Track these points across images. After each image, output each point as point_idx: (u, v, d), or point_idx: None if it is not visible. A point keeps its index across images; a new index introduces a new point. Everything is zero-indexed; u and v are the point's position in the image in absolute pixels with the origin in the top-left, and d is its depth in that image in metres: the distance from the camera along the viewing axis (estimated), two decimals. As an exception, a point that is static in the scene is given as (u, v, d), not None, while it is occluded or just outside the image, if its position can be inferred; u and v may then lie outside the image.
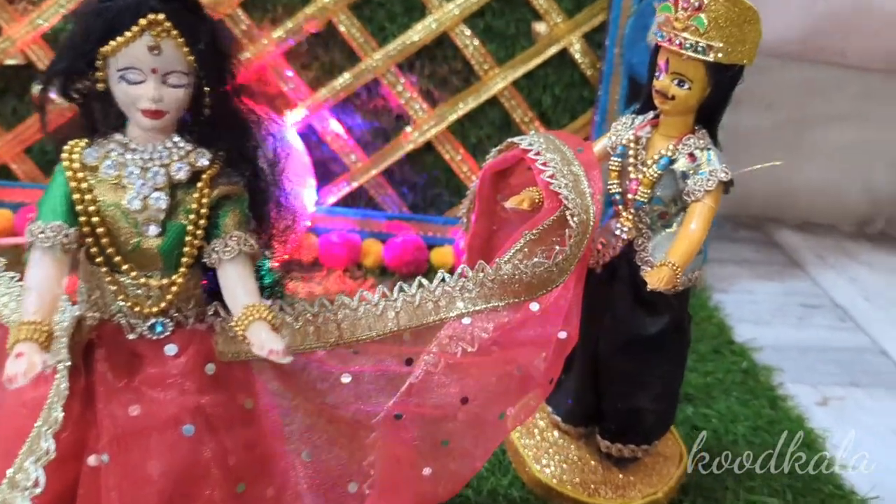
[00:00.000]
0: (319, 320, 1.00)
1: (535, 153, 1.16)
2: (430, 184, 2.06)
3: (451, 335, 1.09)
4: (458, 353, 1.09)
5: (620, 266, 1.22)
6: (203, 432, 0.88)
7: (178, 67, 0.82)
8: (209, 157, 0.86)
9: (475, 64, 1.97)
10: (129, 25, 0.79)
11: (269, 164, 0.92)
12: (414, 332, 1.07)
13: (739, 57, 1.07)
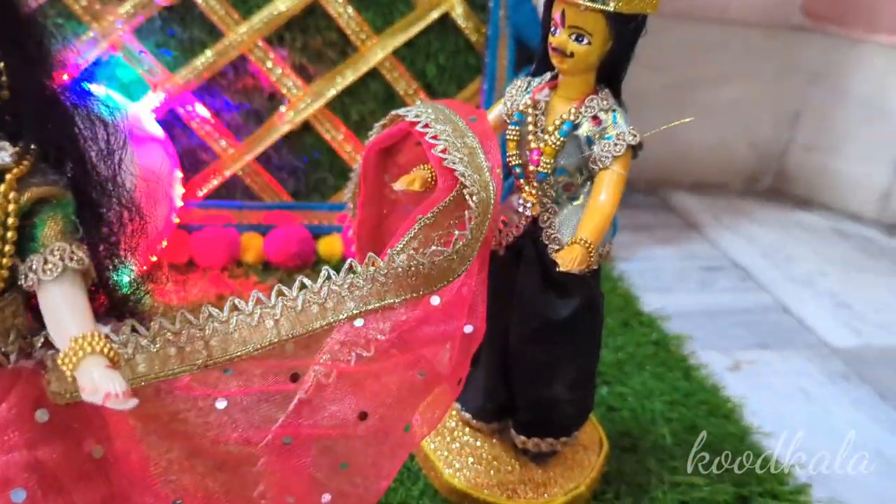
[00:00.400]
0: (183, 339, 0.83)
1: (423, 125, 1.02)
2: (311, 167, 1.89)
3: (343, 340, 0.95)
4: (351, 361, 0.95)
5: (525, 246, 1.10)
6: (40, 494, 0.70)
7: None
8: (13, 154, 0.68)
9: (351, 34, 1.81)
10: None
11: (102, 156, 0.74)
12: (298, 342, 0.92)
13: (642, 6, 0.96)
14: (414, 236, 0.98)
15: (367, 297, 0.94)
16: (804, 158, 2.84)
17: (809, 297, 2.13)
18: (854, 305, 2.11)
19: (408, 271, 0.93)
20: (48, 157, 0.70)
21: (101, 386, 0.62)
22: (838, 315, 2.05)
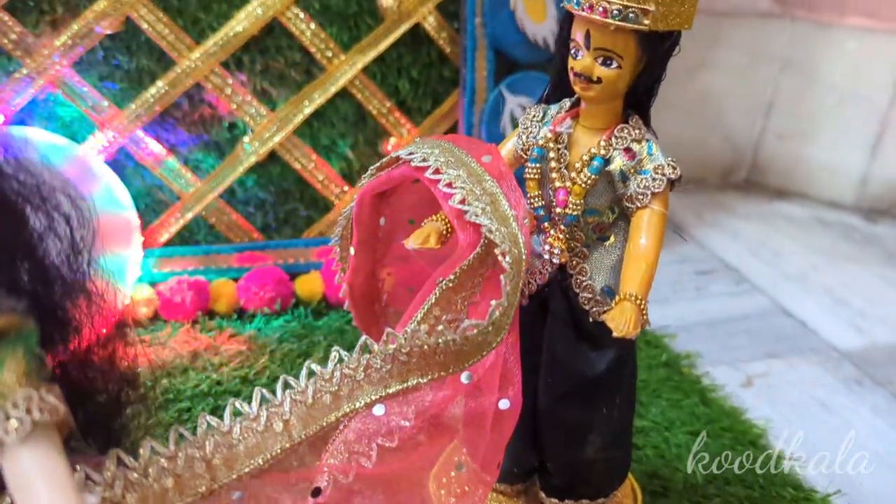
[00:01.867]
0: (180, 464, 0.69)
1: (433, 171, 0.89)
2: (280, 199, 1.73)
3: (361, 431, 0.82)
4: (372, 455, 0.82)
5: (553, 296, 0.97)
6: None
7: None
8: None
9: (316, 52, 1.65)
10: None
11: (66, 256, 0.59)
12: (312, 443, 0.78)
13: (678, 22, 0.84)
14: (435, 302, 0.85)
15: (387, 378, 0.81)
16: (779, 147, 2.77)
17: (806, 296, 2.06)
18: (851, 301, 2.04)
19: (435, 348, 0.79)
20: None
21: None
22: (839, 313, 1.98)
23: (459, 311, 0.87)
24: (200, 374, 1.43)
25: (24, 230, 0.55)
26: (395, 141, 1.75)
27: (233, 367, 1.45)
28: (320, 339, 1.57)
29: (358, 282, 1.21)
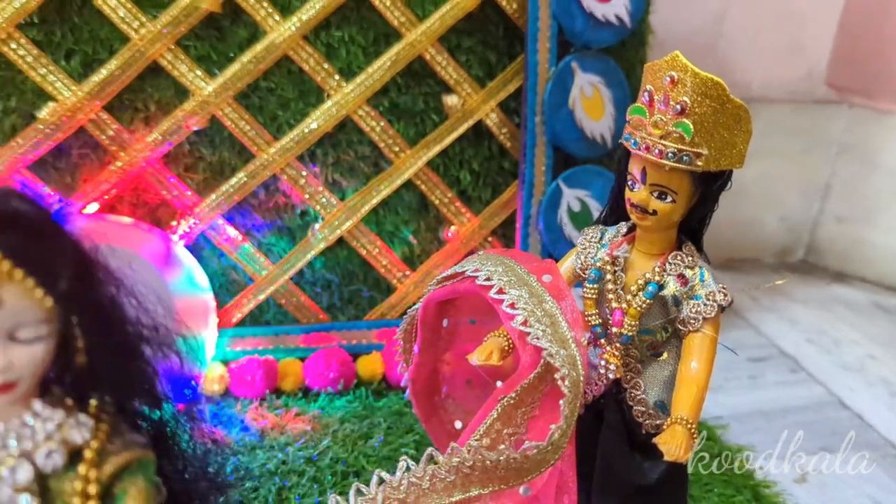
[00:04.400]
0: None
1: (496, 290, 0.96)
2: (345, 281, 1.82)
3: (425, 536, 0.87)
4: (435, 559, 0.87)
5: (608, 407, 1.03)
6: None
7: (30, 317, 0.57)
8: (91, 428, 0.61)
9: (384, 147, 1.76)
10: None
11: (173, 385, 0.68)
12: (381, 548, 0.84)
13: (730, 162, 0.90)
14: (497, 417, 0.91)
15: (451, 488, 0.86)
16: (836, 230, 2.78)
17: (863, 388, 2.04)
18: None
19: (496, 464, 0.85)
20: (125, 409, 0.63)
21: None
22: None
23: (519, 426, 0.93)
24: (268, 453, 1.50)
25: (146, 371, 0.64)
26: (454, 228, 1.83)
27: (297, 448, 1.52)
28: (380, 420, 1.63)
29: (420, 377, 1.27)
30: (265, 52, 1.65)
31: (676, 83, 0.86)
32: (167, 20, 1.58)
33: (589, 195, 1.80)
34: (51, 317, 0.58)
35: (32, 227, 0.57)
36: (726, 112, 0.87)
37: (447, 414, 1.31)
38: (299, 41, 1.66)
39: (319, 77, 1.69)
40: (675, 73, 0.86)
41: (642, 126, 0.90)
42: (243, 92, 1.67)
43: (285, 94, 1.70)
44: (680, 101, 0.86)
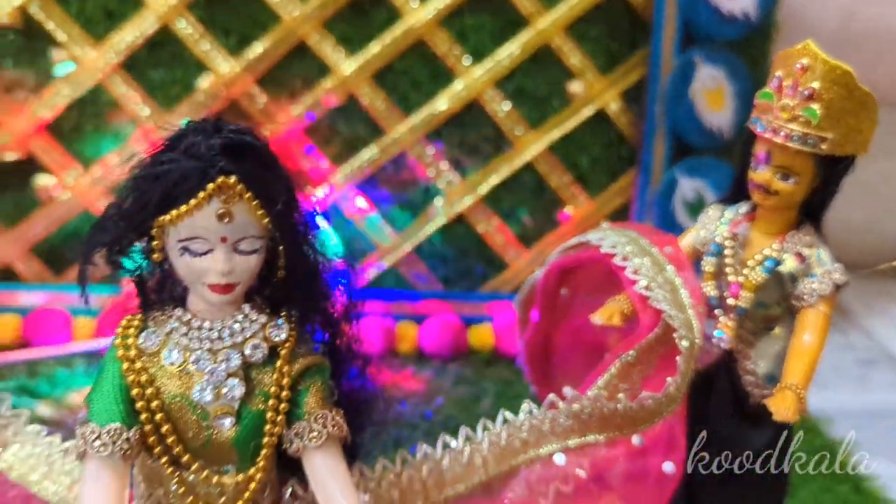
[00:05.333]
0: (404, 480, 0.87)
1: (621, 258, 1.03)
2: (460, 256, 1.92)
3: (542, 475, 0.96)
4: (550, 496, 0.95)
5: (719, 376, 1.08)
6: None
7: (252, 232, 0.69)
8: (287, 330, 0.73)
9: (507, 129, 1.85)
10: (194, 192, 0.66)
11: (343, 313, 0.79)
12: (502, 478, 0.94)
13: (854, 148, 0.95)
14: (616, 373, 0.99)
15: (569, 433, 0.94)
16: (960, 239, 2.69)
17: (977, 397, 2.00)
18: None
19: (613, 412, 0.93)
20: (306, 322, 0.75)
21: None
22: None
23: (635, 383, 1.00)
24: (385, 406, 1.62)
25: (327, 294, 0.76)
26: (570, 210, 1.91)
27: (413, 404, 1.64)
28: (489, 386, 1.73)
29: (535, 343, 1.36)
30: (403, 35, 1.76)
31: (806, 70, 0.91)
32: (317, 3, 1.72)
33: (705, 185, 1.84)
34: (265, 234, 0.70)
35: (260, 158, 0.69)
36: (854, 99, 0.91)
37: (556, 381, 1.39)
38: (434, 26, 1.77)
39: (450, 61, 1.80)
40: (806, 60, 0.91)
41: (769, 110, 0.96)
42: (379, 72, 1.79)
43: (417, 75, 1.81)
44: (809, 88, 0.91)
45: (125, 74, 1.73)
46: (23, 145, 1.74)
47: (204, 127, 0.68)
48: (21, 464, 0.95)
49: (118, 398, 0.69)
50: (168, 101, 1.76)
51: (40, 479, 0.94)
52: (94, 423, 0.68)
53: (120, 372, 0.69)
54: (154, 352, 0.70)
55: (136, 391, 0.69)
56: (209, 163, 0.66)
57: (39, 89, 1.72)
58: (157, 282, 0.74)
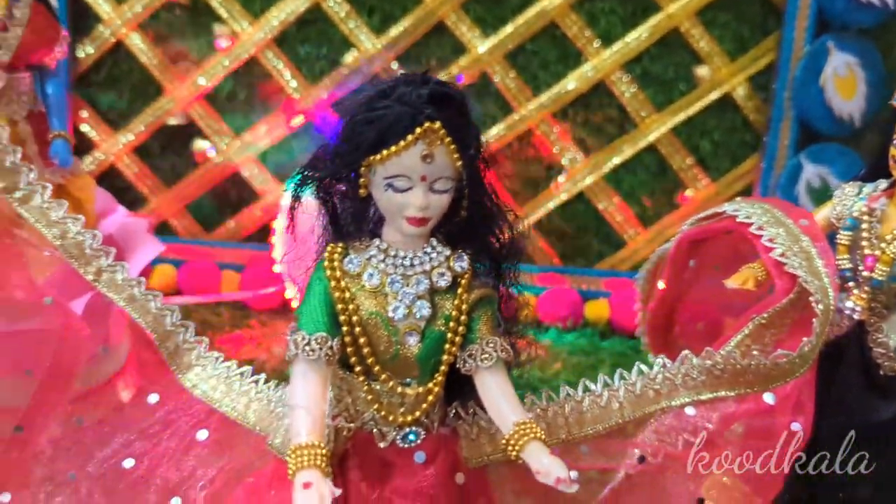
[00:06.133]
0: (549, 415, 0.95)
1: (756, 227, 1.08)
2: (580, 232, 1.99)
3: (672, 425, 1.02)
4: (679, 445, 1.02)
5: (849, 347, 1.12)
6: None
7: (447, 173, 0.79)
8: (467, 261, 0.83)
9: (632, 111, 1.90)
10: (404, 134, 0.76)
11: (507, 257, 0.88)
12: (636, 423, 1.01)
13: None
14: (748, 334, 1.04)
15: (700, 387, 1.00)
16: None
17: None
18: None
19: (746, 369, 0.98)
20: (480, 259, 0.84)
21: (552, 470, 0.74)
22: None
23: (767, 345, 1.06)
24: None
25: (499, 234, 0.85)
26: (690, 192, 1.95)
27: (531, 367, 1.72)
28: (605, 358, 1.79)
29: (660, 312, 1.42)
30: (536, 17, 1.84)
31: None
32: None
33: (830, 172, 1.84)
34: (456, 177, 0.80)
35: (459, 108, 0.79)
36: None
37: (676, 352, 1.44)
38: (566, 9, 1.84)
39: (580, 42, 1.86)
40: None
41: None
42: (511, 52, 1.87)
43: (547, 56, 1.88)
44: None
45: (276, 49, 1.87)
46: (184, 111, 1.91)
47: (414, 78, 0.78)
48: (203, 383, 1.08)
49: (324, 312, 0.79)
50: (313, 75, 1.89)
51: (221, 398, 1.06)
52: (304, 331, 0.79)
53: (326, 290, 0.80)
54: (356, 274, 0.81)
55: (340, 306, 0.79)
56: (418, 110, 0.75)
57: (201, 60, 1.88)
58: (351, 216, 0.84)
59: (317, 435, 0.75)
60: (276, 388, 1.01)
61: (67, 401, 1.07)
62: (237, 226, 1.97)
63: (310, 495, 0.70)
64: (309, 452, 0.73)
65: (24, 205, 1.07)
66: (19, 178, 1.06)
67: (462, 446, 0.87)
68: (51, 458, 1.04)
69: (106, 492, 1.01)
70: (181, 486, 1.01)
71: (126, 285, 1.07)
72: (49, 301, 1.05)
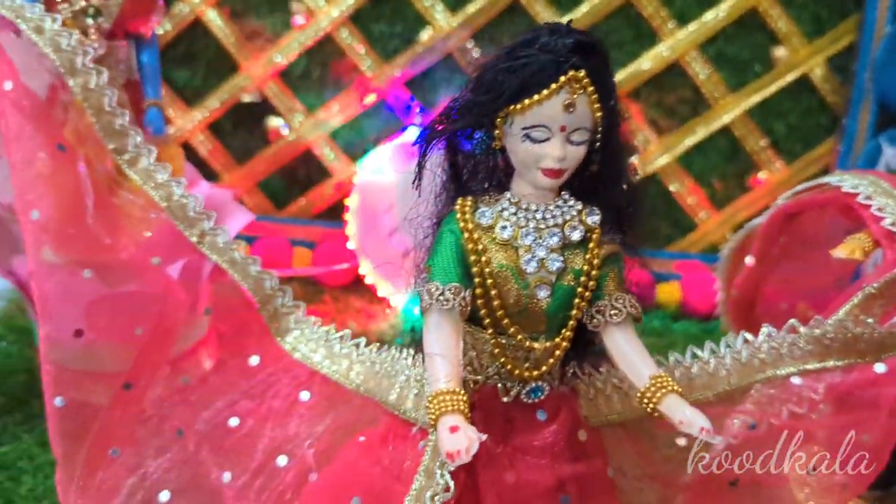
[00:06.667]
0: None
1: (864, 197, 1.07)
2: (651, 214, 1.97)
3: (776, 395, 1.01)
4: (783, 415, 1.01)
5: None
6: (576, 503, 0.84)
7: (585, 124, 0.78)
8: (599, 215, 0.83)
9: (706, 92, 1.88)
10: (547, 83, 0.76)
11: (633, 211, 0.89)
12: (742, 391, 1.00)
13: None
14: (858, 303, 1.03)
15: (807, 357, 0.99)
16: None
17: None
18: None
19: (859, 337, 0.97)
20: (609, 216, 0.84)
21: (694, 420, 0.74)
22: None
23: (875, 316, 1.04)
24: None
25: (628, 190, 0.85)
26: (764, 175, 1.92)
27: (605, 348, 1.71)
28: (677, 340, 1.78)
29: (746, 288, 1.41)
30: (611, -5, 1.83)
31: None
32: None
33: (911, 155, 1.81)
34: (594, 128, 0.79)
35: (602, 58, 0.79)
36: None
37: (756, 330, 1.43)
38: (642, -13, 1.83)
39: (655, 22, 1.85)
40: None
41: None
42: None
43: (622, 36, 1.87)
44: None
45: (351, 27, 1.88)
46: (259, 88, 1.92)
47: (557, 28, 0.78)
48: (302, 346, 1.09)
49: (456, 263, 0.79)
50: (387, 53, 1.89)
51: (321, 360, 1.07)
52: (437, 281, 0.79)
53: (458, 241, 0.80)
54: (488, 226, 0.81)
55: (473, 258, 0.79)
56: (563, 58, 0.75)
57: (276, 38, 1.90)
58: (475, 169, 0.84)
59: (456, 381, 0.75)
60: (379, 351, 1.02)
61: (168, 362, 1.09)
62: (307, 203, 1.98)
63: (458, 438, 0.70)
64: (451, 398, 0.73)
65: (132, 167, 1.09)
66: (127, 141, 1.08)
67: (581, 405, 0.87)
68: (157, 416, 1.05)
69: (213, 448, 1.03)
70: (287, 444, 1.02)
71: (227, 248, 1.08)
72: (157, 262, 1.07)
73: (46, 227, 0.99)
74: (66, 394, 0.98)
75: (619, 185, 0.85)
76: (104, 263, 1.03)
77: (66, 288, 0.99)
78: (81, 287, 1.00)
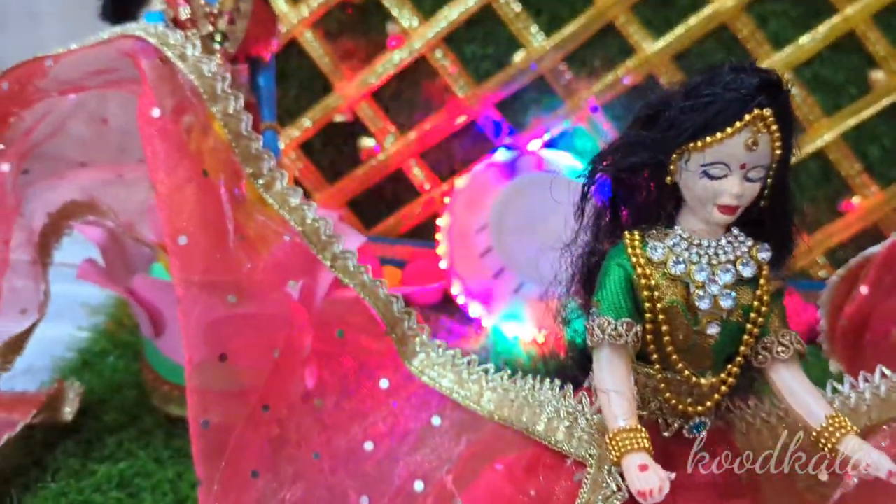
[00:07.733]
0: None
1: None
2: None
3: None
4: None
5: None
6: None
7: (763, 162, 0.79)
8: (769, 252, 0.83)
9: (800, 115, 1.86)
10: (732, 121, 0.76)
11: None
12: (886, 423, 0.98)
13: None
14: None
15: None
16: None
17: None
18: None
19: None
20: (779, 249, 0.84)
21: (883, 464, 0.74)
22: None
23: None
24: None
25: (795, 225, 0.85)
26: (857, 200, 1.90)
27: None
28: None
29: (857, 318, 1.39)
30: (707, 19, 1.82)
31: None
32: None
33: None
34: (769, 167, 0.80)
35: (785, 97, 0.79)
36: None
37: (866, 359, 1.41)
38: (738, 11, 1.82)
39: (750, 45, 1.84)
40: None
41: None
42: (679, 54, 1.86)
43: (716, 58, 1.85)
44: None
45: (445, 48, 1.90)
46: (351, 109, 1.95)
47: (742, 66, 0.78)
48: (430, 370, 1.10)
49: (626, 298, 0.80)
50: (478, 74, 1.91)
51: (451, 385, 1.08)
52: (609, 316, 0.79)
53: (627, 276, 0.81)
54: (659, 262, 0.81)
55: (646, 294, 0.80)
56: (749, 96, 0.76)
57: (370, 59, 1.92)
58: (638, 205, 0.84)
59: (635, 419, 0.75)
60: (512, 378, 1.02)
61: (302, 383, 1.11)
62: (395, 222, 2.00)
63: (649, 477, 0.70)
64: (634, 436, 0.73)
65: (267, 190, 1.11)
66: (263, 164, 1.10)
67: (736, 439, 0.87)
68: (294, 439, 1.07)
69: (350, 473, 1.04)
70: (421, 469, 1.03)
71: (357, 272, 1.10)
72: (294, 285, 1.09)
73: (194, 252, 1.01)
74: (210, 416, 0.99)
75: (789, 221, 0.85)
76: (245, 287, 1.05)
77: (212, 313, 1.01)
78: (226, 311, 1.02)
